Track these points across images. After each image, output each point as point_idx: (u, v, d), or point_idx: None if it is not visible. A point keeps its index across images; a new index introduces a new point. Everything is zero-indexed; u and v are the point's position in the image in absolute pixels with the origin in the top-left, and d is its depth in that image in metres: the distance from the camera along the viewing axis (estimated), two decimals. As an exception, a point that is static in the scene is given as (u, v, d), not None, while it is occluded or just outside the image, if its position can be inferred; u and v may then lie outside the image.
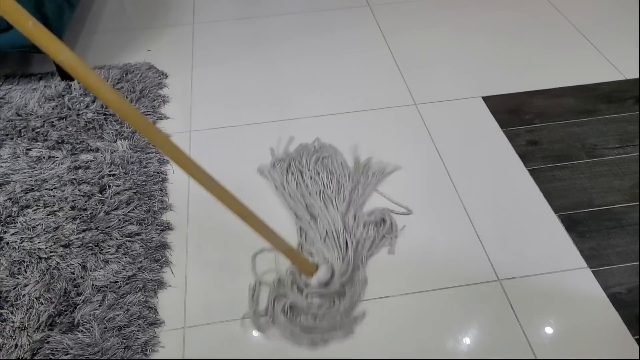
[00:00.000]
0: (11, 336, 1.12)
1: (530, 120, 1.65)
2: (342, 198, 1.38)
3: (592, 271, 1.25)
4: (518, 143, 1.57)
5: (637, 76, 1.79)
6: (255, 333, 1.15)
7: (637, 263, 1.26)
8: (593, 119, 1.65)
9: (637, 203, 1.39)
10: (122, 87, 1.73)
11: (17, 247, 1.28)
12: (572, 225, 1.35)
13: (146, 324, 1.14)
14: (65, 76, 1.76)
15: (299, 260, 1.17)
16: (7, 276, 1.22)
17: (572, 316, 1.16)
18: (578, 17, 2.05)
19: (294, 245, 1.22)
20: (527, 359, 1.10)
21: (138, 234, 1.32)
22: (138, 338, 1.12)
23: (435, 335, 1.14)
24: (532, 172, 1.48)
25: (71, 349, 1.09)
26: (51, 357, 1.08)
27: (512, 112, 1.68)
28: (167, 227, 1.35)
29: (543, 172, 1.48)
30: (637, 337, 1.12)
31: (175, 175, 1.49)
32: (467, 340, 1.13)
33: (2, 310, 1.16)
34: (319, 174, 1.43)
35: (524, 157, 1.53)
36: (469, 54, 1.90)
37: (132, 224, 1.34)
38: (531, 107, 1.69)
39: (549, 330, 1.14)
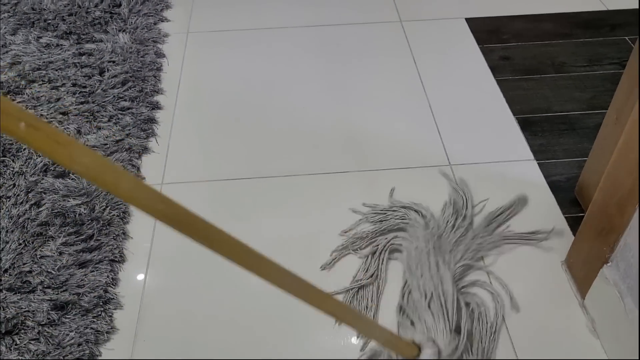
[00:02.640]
0: (10, 178, 1.28)
1: (506, 40, 1.73)
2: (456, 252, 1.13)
3: (538, 163, 1.35)
4: (491, 57, 1.66)
5: (618, 7, 1.85)
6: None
7: (580, 159, 1.36)
8: (567, 41, 1.73)
9: (593, 111, 1.49)
10: (129, -9, 1.86)
11: (22, 112, 1.44)
12: (527, 125, 1.45)
13: (128, 177, 1.29)
14: (78, -21, 1.90)
15: (399, 347, 0.90)
16: (11, 133, 1.38)
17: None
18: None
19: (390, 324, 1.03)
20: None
21: (129, 109, 1.46)
22: (119, 186, 1.27)
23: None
24: (499, 82, 1.58)
25: (60, 190, 1.25)
26: (43, 195, 1.24)
27: (491, 32, 1.77)
28: (156, 106, 1.49)
29: (510, 82, 1.58)
30: (567, 215, 1.24)
31: (170, 66, 1.63)
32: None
33: (4, 158, 1.32)
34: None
35: (495, 69, 1.62)
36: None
37: (125, 100, 1.48)
38: (510, 29, 1.78)
39: (489, 203, 1.26)
